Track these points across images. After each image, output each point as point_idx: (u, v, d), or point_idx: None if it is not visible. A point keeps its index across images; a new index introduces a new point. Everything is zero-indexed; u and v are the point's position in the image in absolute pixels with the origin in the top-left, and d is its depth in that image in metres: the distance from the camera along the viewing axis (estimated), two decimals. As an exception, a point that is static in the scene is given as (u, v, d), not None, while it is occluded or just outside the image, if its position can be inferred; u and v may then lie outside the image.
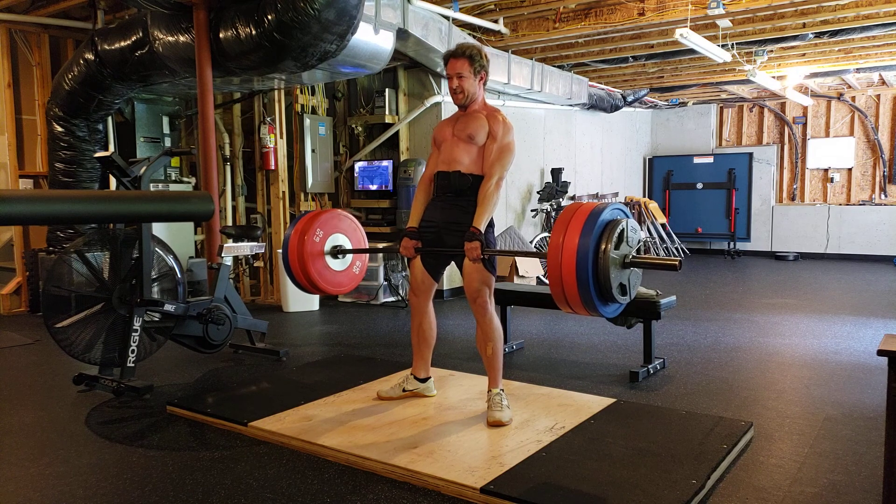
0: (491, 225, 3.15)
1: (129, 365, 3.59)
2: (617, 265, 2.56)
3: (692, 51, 6.69)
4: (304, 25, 4.29)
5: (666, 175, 11.30)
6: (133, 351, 3.60)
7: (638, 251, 2.67)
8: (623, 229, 2.58)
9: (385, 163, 6.87)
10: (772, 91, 8.80)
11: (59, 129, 5.86)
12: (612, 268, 2.52)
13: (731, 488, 2.47)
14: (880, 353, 2.07)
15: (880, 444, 2.71)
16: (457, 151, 3.15)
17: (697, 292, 7.18)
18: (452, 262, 3.26)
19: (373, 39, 5.00)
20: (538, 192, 8.19)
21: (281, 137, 6.52)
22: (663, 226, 10.70)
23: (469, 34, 6.30)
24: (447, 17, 5.72)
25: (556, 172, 8.32)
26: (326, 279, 3.54)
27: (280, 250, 6.34)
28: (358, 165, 7.05)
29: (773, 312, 5.98)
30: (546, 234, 8.06)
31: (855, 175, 10.20)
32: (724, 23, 5.93)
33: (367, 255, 3.78)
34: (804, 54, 7.48)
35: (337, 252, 3.57)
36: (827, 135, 10.35)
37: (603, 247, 2.51)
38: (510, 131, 3.13)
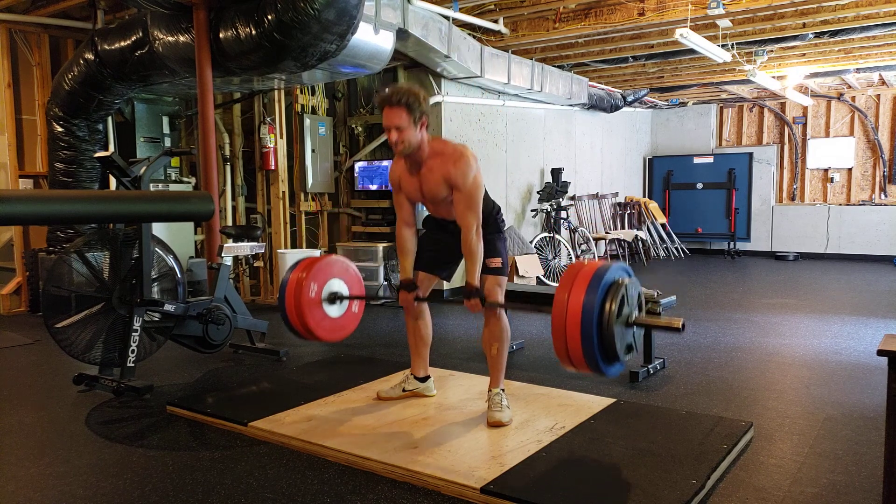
0: (500, 230, 3.16)
1: (129, 365, 3.59)
2: (622, 326, 2.59)
3: (692, 51, 6.69)
4: (304, 25, 4.29)
5: (666, 175, 11.30)
6: (133, 351, 3.60)
7: (640, 306, 2.69)
8: (626, 290, 2.60)
9: (385, 163, 6.87)
10: (772, 91, 8.80)
11: (59, 129, 5.85)
12: (617, 328, 2.55)
13: (731, 488, 2.47)
14: (880, 353, 2.07)
15: (880, 444, 2.71)
16: (438, 208, 3.13)
17: (697, 292, 7.18)
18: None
19: (373, 39, 4.99)
20: (538, 192, 8.19)
21: (281, 137, 6.51)
22: (663, 226, 10.70)
23: (469, 34, 6.30)
24: (447, 17, 5.72)
25: (556, 172, 8.32)
26: (326, 328, 3.51)
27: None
28: (358, 165, 7.05)
29: (773, 312, 5.98)
30: (546, 234, 8.05)
31: (855, 175, 10.19)
32: (724, 23, 5.93)
33: (365, 287, 3.77)
34: (804, 54, 7.48)
35: (334, 299, 3.56)
36: (827, 135, 10.35)
37: (607, 307, 2.53)
38: (469, 167, 2.91)
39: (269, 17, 4.36)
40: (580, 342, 2.45)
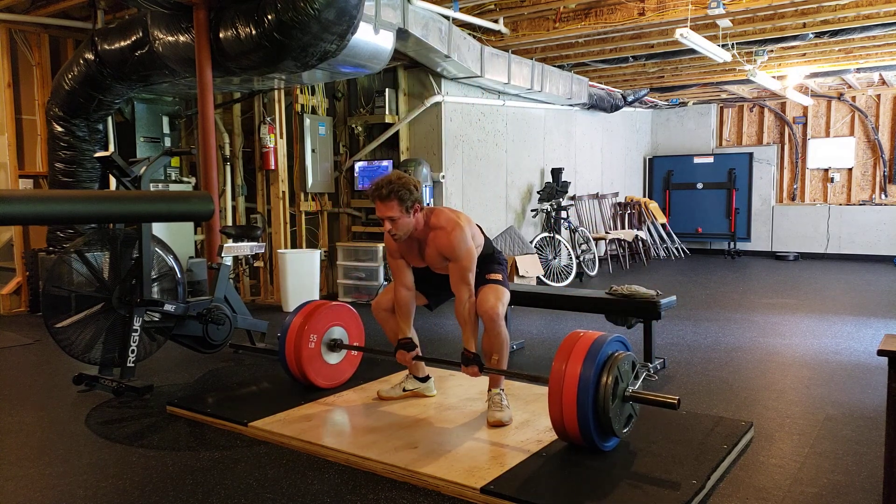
0: (500, 262, 3.25)
1: (129, 365, 3.59)
2: (619, 402, 2.64)
3: (692, 51, 6.69)
4: (304, 25, 4.29)
5: (666, 175, 11.30)
6: (133, 351, 3.60)
7: (636, 374, 2.73)
8: (622, 362, 2.65)
9: (385, 163, 6.87)
10: (772, 91, 8.80)
11: (59, 129, 5.85)
12: (614, 408, 2.60)
13: (732, 488, 2.47)
14: (880, 353, 2.07)
15: (880, 444, 2.71)
16: (437, 270, 3.19)
17: (697, 292, 7.17)
18: None
19: (373, 39, 4.99)
20: (538, 192, 8.19)
21: (281, 137, 6.51)
22: (663, 226, 10.70)
23: (469, 34, 6.30)
24: (447, 17, 5.72)
25: (556, 172, 8.32)
26: (325, 376, 3.60)
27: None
28: (358, 165, 7.05)
29: (773, 312, 5.98)
30: (546, 234, 8.05)
31: (855, 175, 10.19)
32: (725, 23, 5.93)
33: (363, 338, 3.83)
34: (804, 54, 7.48)
35: (333, 346, 3.61)
36: (827, 135, 10.35)
37: (604, 380, 2.59)
38: (463, 239, 2.97)
39: (269, 16, 4.36)
40: (578, 427, 2.56)
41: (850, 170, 10.23)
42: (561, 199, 8.18)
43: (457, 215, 3.07)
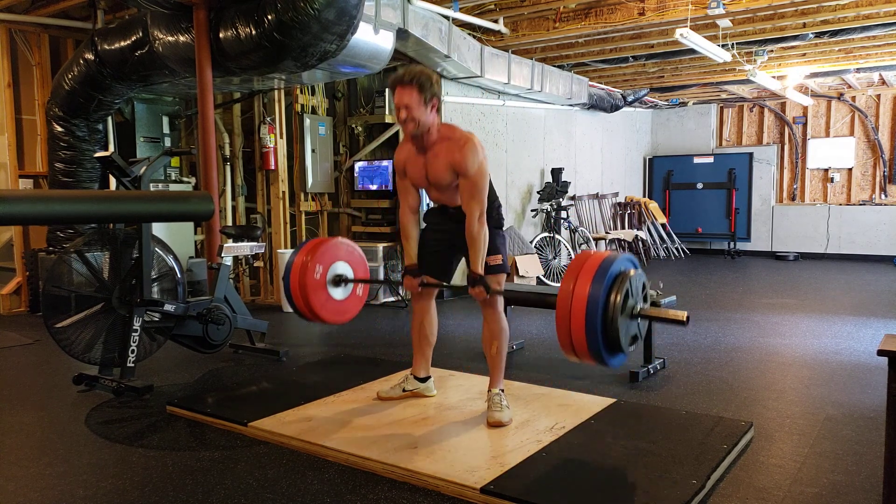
0: (499, 225, 3.19)
1: (129, 365, 3.59)
2: (626, 316, 2.58)
3: (692, 51, 6.69)
4: (304, 25, 4.29)
5: (666, 175, 11.30)
6: (133, 351, 3.60)
7: (645, 297, 2.69)
8: (631, 282, 2.59)
9: (385, 163, 6.86)
10: (772, 91, 8.80)
11: (59, 129, 5.85)
12: (622, 321, 2.54)
13: (731, 488, 2.47)
14: (880, 353, 2.07)
15: (880, 444, 2.71)
16: (443, 195, 3.14)
17: (697, 292, 7.17)
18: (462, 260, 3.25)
19: (373, 39, 5.00)
20: (538, 192, 8.19)
21: (281, 137, 6.51)
22: (663, 226, 10.70)
23: (469, 34, 6.30)
24: (447, 17, 5.72)
25: (556, 172, 8.32)
26: (330, 310, 3.52)
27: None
28: (358, 165, 7.05)
29: (773, 312, 5.98)
30: (546, 234, 8.05)
31: (855, 175, 10.19)
32: (725, 23, 5.93)
33: (369, 272, 3.74)
34: (804, 54, 7.48)
35: (339, 281, 3.56)
36: (827, 135, 10.35)
37: (613, 298, 2.52)
38: (476, 154, 2.93)
39: (269, 17, 4.36)
40: (584, 334, 2.44)
41: (850, 170, 10.23)
42: (561, 199, 8.18)
43: (471, 134, 3.01)
